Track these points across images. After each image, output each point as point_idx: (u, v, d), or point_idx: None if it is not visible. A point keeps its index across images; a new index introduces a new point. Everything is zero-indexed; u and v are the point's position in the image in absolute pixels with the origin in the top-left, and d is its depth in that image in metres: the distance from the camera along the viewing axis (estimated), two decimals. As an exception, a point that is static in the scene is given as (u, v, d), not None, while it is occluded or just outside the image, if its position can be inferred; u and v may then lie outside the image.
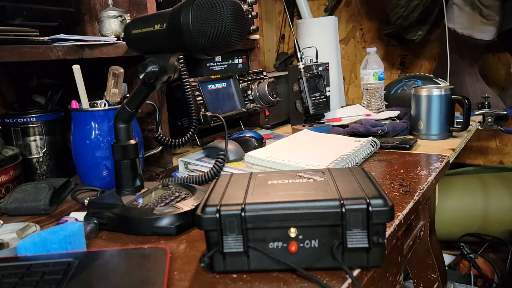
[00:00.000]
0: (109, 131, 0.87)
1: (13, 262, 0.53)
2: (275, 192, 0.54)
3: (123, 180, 0.72)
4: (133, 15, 1.00)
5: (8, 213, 0.78)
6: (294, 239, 0.50)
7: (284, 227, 0.49)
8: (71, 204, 0.83)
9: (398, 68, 2.07)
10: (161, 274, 0.49)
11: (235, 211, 0.49)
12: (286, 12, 2.13)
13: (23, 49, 0.75)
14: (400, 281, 0.77)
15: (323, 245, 0.50)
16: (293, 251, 0.50)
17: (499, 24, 1.64)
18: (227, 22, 0.58)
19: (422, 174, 0.85)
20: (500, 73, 1.87)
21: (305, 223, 0.49)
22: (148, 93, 0.69)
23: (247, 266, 0.51)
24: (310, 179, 0.59)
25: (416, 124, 1.20)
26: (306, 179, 0.59)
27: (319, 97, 1.36)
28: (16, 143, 0.95)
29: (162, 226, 0.64)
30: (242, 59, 1.34)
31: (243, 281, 0.50)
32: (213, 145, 1.00)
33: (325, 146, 1.00)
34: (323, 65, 1.41)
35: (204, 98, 1.10)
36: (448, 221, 1.75)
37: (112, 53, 0.91)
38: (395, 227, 0.63)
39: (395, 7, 1.76)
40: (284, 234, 0.50)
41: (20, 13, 0.84)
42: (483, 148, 1.94)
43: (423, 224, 1.04)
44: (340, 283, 0.48)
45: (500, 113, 1.52)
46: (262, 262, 0.51)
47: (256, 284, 0.49)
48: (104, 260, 0.53)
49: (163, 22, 0.62)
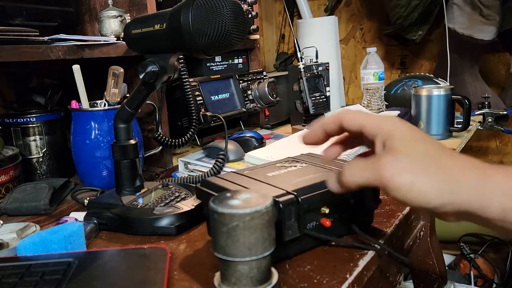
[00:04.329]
0: (109, 131, 0.86)
1: (13, 262, 0.53)
2: (292, 180, 0.57)
3: (123, 180, 0.72)
4: (133, 15, 1.00)
5: (8, 213, 0.78)
6: (325, 215, 0.55)
7: (319, 207, 0.54)
8: (71, 204, 0.83)
9: (398, 68, 2.07)
10: (161, 274, 0.48)
11: (291, 199, 0.51)
12: (286, 12, 2.13)
13: (23, 49, 0.75)
14: (400, 281, 0.77)
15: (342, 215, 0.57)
16: (328, 226, 0.54)
17: (499, 24, 1.64)
18: (227, 22, 0.58)
19: (422, 174, 0.85)
20: (500, 73, 1.87)
21: (334, 199, 0.54)
22: (148, 93, 0.69)
23: (290, 253, 0.54)
24: (295, 166, 0.64)
25: (416, 124, 1.20)
26: (294, 167, 0.64)
27: (319, 97, 1.36)
28: (16, 143, 0.95)
29: (162, 226, 0.64)
30: (242, 59, 1.34)
31: (243, 281, 0.50)
32: (213, 145, 1.00)
33: (325, 146, 1.00)
34: (323, 65, 1.41)
35: (204, 98, 1.10)
36: (448, 221, 1.75)
37: (112, 53, 0.91)
38: (395, 227, 0.63)
39: (395, 7, 1.76)
40: (317, 213, 0.54)
41: (20, 13, 0.84)
42: (483, 148, 1.94)
43: (423, 224, 1.04)
44: (340, 283, 0.48)
45: (500, 113, 1.52)
46: (301, 244, 0.54)
47: (256, 284, 0.49)
48: (104, 260, 0.53)
49: (163, 22, 0.62)
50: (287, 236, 0.51)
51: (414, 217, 0.85)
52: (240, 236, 0.41)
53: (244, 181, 0.59)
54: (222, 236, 0.42)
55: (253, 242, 0.41)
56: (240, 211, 0.40)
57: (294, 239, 0.52)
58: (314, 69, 1.36)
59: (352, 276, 0.50)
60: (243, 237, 0.41)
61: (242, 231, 0.41)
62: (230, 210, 0.41)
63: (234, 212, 0.41)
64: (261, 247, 0.42)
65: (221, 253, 0.42)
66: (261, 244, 0.42)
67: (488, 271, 1.73)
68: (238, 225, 0.41)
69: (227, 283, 0.43)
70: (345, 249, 0.56)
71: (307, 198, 0.53)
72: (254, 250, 0.42)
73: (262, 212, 0.41)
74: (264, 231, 0.42)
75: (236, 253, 0.41)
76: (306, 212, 0.53)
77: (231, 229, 0.41)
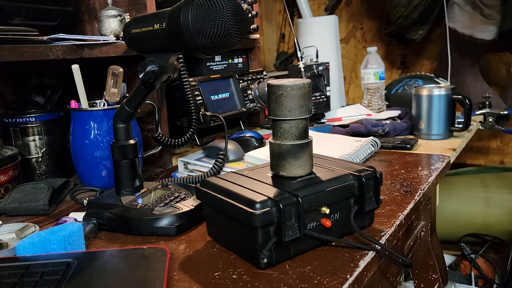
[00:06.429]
0: (108, 131, 0.86)
1: (12, 262, 0.52)
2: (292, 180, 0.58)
3: (123, 180, 0.72)
4: (133, 14, 1.00)
5: (7, 213, 0.77)
6: (326, 215, 0.56)
7: (319, 207, 0.55)
8: (70, 204, 0.83)
9: (398, 67, 2.07)
10: (161, 275, 0.48)
11: (291, 199, 0.52)
12: (286, 11, 2.13)
13: (22, 48, 0.75)
14: (400, 281, 0.77)
15: (342, 215, 0.58)
16: (328, 226, 0.55)
17: (500, 23, 1.64)
18: (227, 21, 0.58)
19: (423, 174, 0.85)
20: (501, 73, 1.87)
21: (335, 199, 0.56)
22: (147, 92, 0.68)
23: (291, 254, 0.54)
24: None
25: (417, 124, 1.19)
26: None
27: (320, 97, 1.36)
28: (15, 143, 0.94)
29: (162, 226, 0.64)
30: (242, 58, 1.34)
31: (243, 281, 0.50)
32: (212, 145, 1.00)
33: (325, 146, 1.00)
34: (323, 65, 1.41)
35: (204, 98, 1.10)
36: (449, 221, 1.75)
37: (111, 53, 0.91)
38: (395, 228, 0.63)
39: (396, 7, 1.76)
40: (317, 213, 0.55)
41: (19, 12, 0.84)
42: (484, 148, 1.93)
43: (424, 225, 1.04)
44: (340, 284, 0.48)
45: (501, 113, 1.52)
46: (302, 245, 0.55)
47: (256, 285, 0.49)
48: (104, 261, 0.53)
49: (162, 21, 0.62)
50: (288, 236, 0.51)
51: (415, 217, 0.85)
52: (283, 101, 0.56)
53: (244, 181, 0.58)
54: (271, 102, 0.57)
55: (293, 106, 0.56)
56: (284, 84, 0.56)
57: (294, 239, 0.52)
58: (314, 69, 1.35)
59: (353, 276, 0.49)
60: (285, 102, 0.56)
61: (285, 98, 0.56)
62: (278, 83, 0.57)
63: (280, 84, 0.57)
64: (298, 111, 0.57)
65: (271, 115, 0.58)
66: (298, 109, 0.57)
67: (488, 271, 1.72)
68: (282, 93, 0.56)
69: (275, 138, 0.60)
70: (345, 250, 0.56)
71: (307, 198, 0.53)
72: (293, 112, 0.57)
73: (300, 86, 0.56)
74: (300, 100, 0.57)
75: (280, 113, 0.57)
76: (307, 212, 0.53)
77: (277, 96, 0.57)
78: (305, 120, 0.58)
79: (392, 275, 0.72)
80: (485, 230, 1.74)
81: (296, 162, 0.58)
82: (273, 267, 0.52)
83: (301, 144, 0.58)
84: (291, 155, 0.58)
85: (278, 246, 0.52)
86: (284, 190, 0.54)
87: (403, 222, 0.66)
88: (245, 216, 0.51)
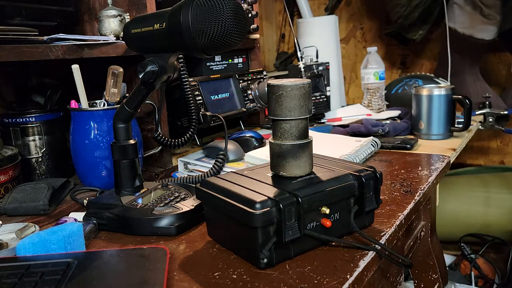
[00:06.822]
0: (108, 131, 0.86)
1: (12, 262, 0.52)
2: (292, 180, 0.58)
3: (123, 180, 0.72)
4: (133, 14, 0.99)
5: (7, 213, 0.77)
6: (326, 215, 0.56)
7: (319, 207, 0.55)
8: (70, 204, 0.83)
9: (398, 67, 2.07)
10: (161, 275, 0.48)
11: (291, 199, 0.52)
12: (286, 11, 2.13)
13: (22, 48, 0.75)
14: (400, 281, 0.77)
15: (342, 215, 0.58)
16: (328, 226, 0.55)
17: (499, 23, 1.64)
18: (227, 21, 0.58)
19: (423, 174, 0.85)
20: (501, 73, 1.87)
21: (335, 199, 0.56)
22: (147, 92, 0.68)
23: (291, 254, 0.54)
24: None
25: (417, 124, 1.19)
26: None
27: (320, 97, 1.36)
28: (15, 143, 0.94)
29: (162, 226, 0.64)
30: (242, 58, 1.34)
31: (243, 281, 0.50)
32: (212, 145, 1.00)
33: (325, 146, 1.00)
34: (323, 65, 1.41)
35: (204, 98, 1.10)
36: (449, 221, 1.75)
37: (111, 53, 0.91)
38: (395, 228, 0.63)
39: (396, 7, 1.76)
40: (317, 213, 0.55)
41: (19, 12, 0.84)
42: (484, 148, 1.93)
43: (423, 225, 1.04)
44: (340, 284, 0.48)
45: (501, 113, 1.52)
46: (302, 245, 0.55)
47: (256, 285, 0.49)
48: (104, 261, 0.53)
49: (162, 21, 0.62)
50: (288, 236, 0.51)
51: (415, 217, 0.85)
52: (283, 101, 0.56)
53: (244, 181, 0.58)
54: (271, 102, 0.57)
55: (292, 106, 0.56)
56: (284, 84, 0.56)
57: (294, 239, 0.52)
58: (314, 69, 1.35)
59: (353, 276, 0.49)
60: (285, 102, 0.56)
61: (285, 98, 0.56)
62: (278, 83, 0.57)
63: (280, 84, 0.57)
64: (298, 111, 0.57)
65: (271, 115, 0.58)
66: (298, 109, 0.57)
67: (489, 271, 1.72)
68: (282, 93, 0.56)
69: (275, 138, 0.60)
70: (345, 250, 0.56)
71: (307, 198, 0.53)
72: (293, 112, 0.57)
73: (300, 86, 0.56)
74: (300, 100, 0.57)
75: (280, 113, 0.57)
76: (307, 212, 0.53)
77: (277, 96, 0.56)
78: (305, 120, 0.58)
79: (392, 275, 0.72)
80: (485, 230, 1.74)
81: (296, 162, 0.58)
82: (273, 267, 0.52)
83: (301, 144, 0.58)
84: (291, 155, 0.58)
85: (278, 246, 0.52)
86: (284, 190, 0.54)
87: (403, 222, 0.66)
88: (245, 216, 0.51)
